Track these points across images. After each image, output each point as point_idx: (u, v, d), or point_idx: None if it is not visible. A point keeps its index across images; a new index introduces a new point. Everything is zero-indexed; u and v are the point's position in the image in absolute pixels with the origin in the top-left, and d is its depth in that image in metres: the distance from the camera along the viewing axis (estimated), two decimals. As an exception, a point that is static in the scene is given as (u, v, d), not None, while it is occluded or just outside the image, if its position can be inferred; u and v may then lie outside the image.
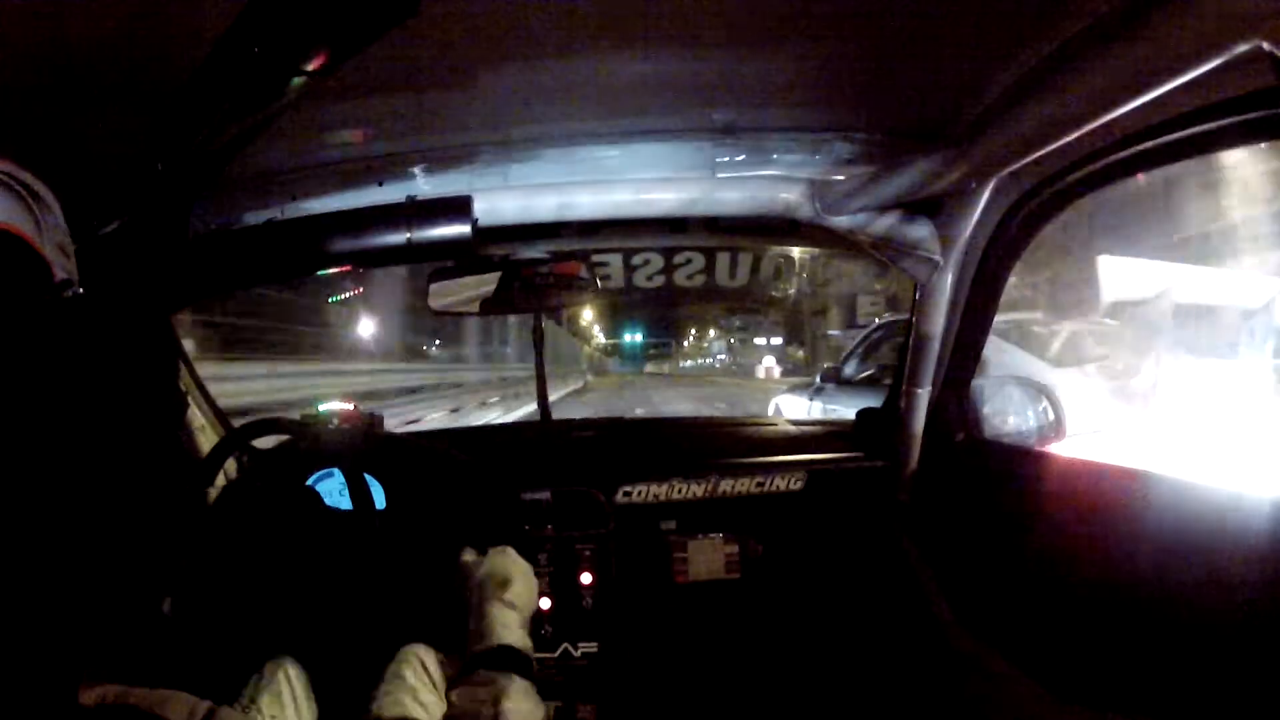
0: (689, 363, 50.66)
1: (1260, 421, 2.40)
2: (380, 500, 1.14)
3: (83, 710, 0.46)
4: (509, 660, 0.71)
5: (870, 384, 4.05)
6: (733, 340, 45.72)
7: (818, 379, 4.71)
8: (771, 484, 1.26)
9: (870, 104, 0.90)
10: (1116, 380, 2.78)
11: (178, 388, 1.22)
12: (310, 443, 1.11)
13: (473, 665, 0.70)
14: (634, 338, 51.34)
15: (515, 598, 0.80)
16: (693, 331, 53.75)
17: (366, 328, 11.24)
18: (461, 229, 1.01)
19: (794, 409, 4.87)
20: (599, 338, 50.89)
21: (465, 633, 0.77)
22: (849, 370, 4.40)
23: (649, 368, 49.66)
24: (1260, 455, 2.19)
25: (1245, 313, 2.84)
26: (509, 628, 0.75)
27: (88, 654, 0.49)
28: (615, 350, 52.08)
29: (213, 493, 1.08)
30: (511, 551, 0.90)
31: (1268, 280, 3.07)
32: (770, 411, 5.49)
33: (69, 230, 0.47)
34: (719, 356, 47.33)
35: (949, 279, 1.10)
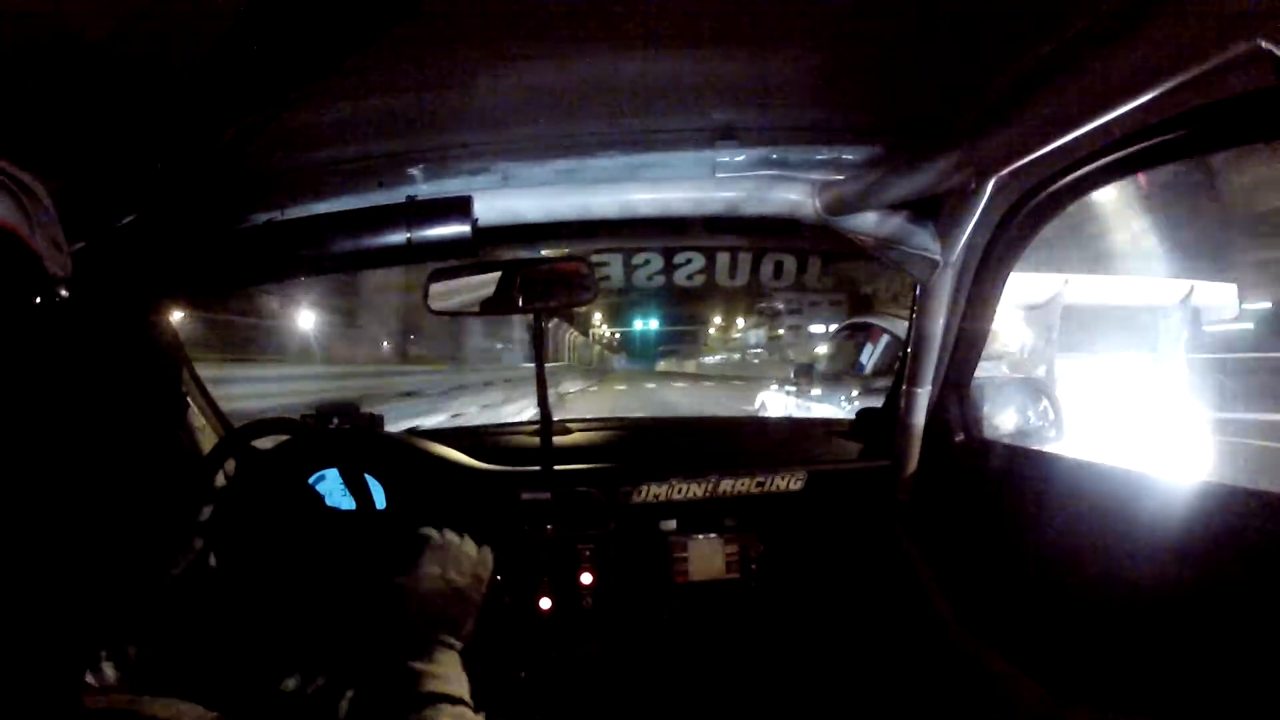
0: (714, 359, 43.96)
1: (1129, 403, 3.17)
2: (380, 501, 1.14)
3: (88, 717, 0.46)
4: (441, 699, 0.69)
5: (836, 380, 4.51)
6: (781, 329, 37.33)
7: (792, 375, 5.10)
8: (771, 484, 1.26)
9: (870, 104, 0.90)
10: (1019, 371, 3.24)
11: (178, 388, 1.22)
12: (310, 443, 1.11)
13: (405, 705, 0.69)
14: (646, 326, 44.52)
15: (451, 629, 0.78)
16: (717, 320, 46.54)
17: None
18: (461, 229, 1.01)
19: (775, 404, 5.41)
20: (602, 328, 44.80)
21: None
22: (820, 368, 4.90)
23: (662, 365, 44.36)
24: (1122, 425, 2.99)
25: (1150, 310, 3.46)
26: (439, 677, 0.71)
27: (90, 658, 0.48)
28: (624, 343, 46.70)
29: (213, 493, 1.08)
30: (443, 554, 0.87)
31: (1146, 282, 3.72)
32: (756, 407, 5.94)
33: (66, 228, 0.47)
34: (755, 350, 40.08)
35: (949, 279, 1.10)
